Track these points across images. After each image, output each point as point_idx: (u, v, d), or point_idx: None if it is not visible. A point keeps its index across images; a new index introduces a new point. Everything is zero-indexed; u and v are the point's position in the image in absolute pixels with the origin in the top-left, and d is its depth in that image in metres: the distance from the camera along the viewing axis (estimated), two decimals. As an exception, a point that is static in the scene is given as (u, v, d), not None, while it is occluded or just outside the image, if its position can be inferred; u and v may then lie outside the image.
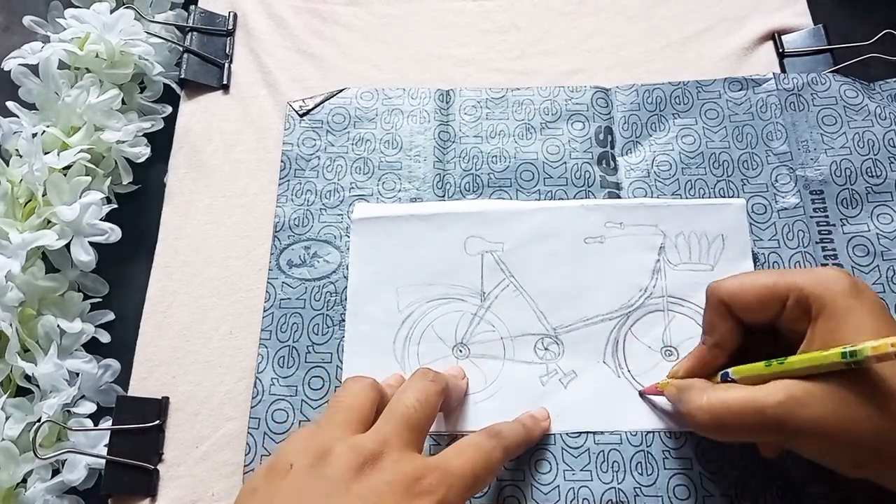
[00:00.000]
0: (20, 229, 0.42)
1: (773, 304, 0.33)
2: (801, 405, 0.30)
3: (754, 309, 0.34)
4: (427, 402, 0.32)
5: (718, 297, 0.35)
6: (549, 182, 0.45)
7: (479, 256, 0.43)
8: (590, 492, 0.38)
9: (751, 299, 0.34)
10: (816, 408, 0.30)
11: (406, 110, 0.48)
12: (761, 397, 0.31)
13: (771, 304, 0.33)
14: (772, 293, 0.33)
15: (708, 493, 0.37)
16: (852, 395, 0.30)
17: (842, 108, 0.46)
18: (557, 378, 0.40)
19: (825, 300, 0.32)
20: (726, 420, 0.32)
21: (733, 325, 0.35)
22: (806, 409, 0.30)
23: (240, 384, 0.42)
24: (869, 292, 0.32)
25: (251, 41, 0.52)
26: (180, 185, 0.47)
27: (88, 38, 0.47)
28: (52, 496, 0.38)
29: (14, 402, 0.40)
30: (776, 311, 0.34)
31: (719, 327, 0.35)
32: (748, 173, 0.45)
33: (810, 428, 0.30)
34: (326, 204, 0.45)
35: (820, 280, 0.32)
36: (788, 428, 0.30)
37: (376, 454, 0.29)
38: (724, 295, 0.35)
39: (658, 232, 0.43)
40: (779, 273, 0.34)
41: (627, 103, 0.48)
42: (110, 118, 0.47)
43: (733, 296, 0.34)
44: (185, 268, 0.45)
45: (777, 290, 0.33)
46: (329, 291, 0.43)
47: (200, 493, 0.39)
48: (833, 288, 0.32)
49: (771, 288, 0.33)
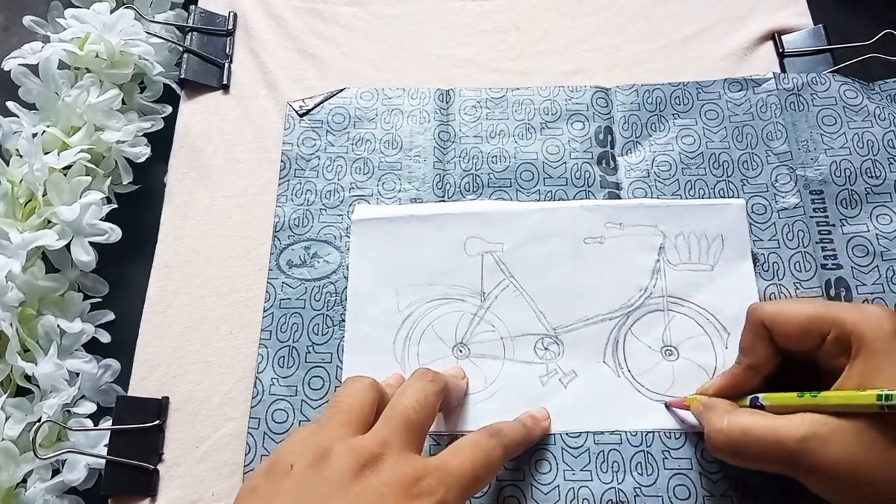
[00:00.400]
0: (20, 229, 0.42)
1: (814, 336, 0.33)
2: (823, 444, 0.30)
3: (794, 337, 0.34)
4: (426, 403, 0.32)
5: (759, 320, 0.34)
6: (548, 182, 0.45)
7: (478, 257, 0.43)
8: (590, 492, 0.38)
9: (792, 327, 0.33)
10: (838, 448, 0.29)
11: (406, 110, 0.48)
12: (784, 429, 0.31)
13: (812, 335, 0.33)
14: (814, 324, 0.33)
15: (708, 493, 0.37)
16: (878, 440, 0.29)
17: (841, 109, 0.46)
18: (557, 378, 0.40)
19: (866, 339, 0.31)
20: (742, 446, 0.32)
21: (771, 349, 0.35)
22: (827, 448, 0.30)
23: (240, 384, 0.42)
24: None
25: (251, 41, 0.52)
26: (180, 185, 0.47)
27: (88, 38, 0.47)
28: (52, 496, 0.38)
29: (14, 402, 0.40)
30: (816, 343, 0.33)
31: (757, 350, 0.35)
32: (748, 173, 0.45)
33: (827, 468, 0.30)
34: (326, 204, 0.45)
35: (864, 318, 0.31)
36: (805, 464, 0.30)
37: (376, 455, 0.29)
38: (766, 318, 0.34)
39: (658, 232, 0.43)
40: (824, 305, 0.34)
41: (627, 103, 0.48)
42: (110, 118, 0.47)
43: (774, 321, 0.34)
44: (185, 268, 0.45)
45: (820, 322, 0.33)
46: (329, 292, 0.43)
47: (200, 493, 0.39)
48: (876, 328, 0.31)
49: (814, 319, 0.33)
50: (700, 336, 0.41)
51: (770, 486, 0.37)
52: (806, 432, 0.30)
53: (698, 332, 0.41)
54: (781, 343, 0.34)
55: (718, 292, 0.42)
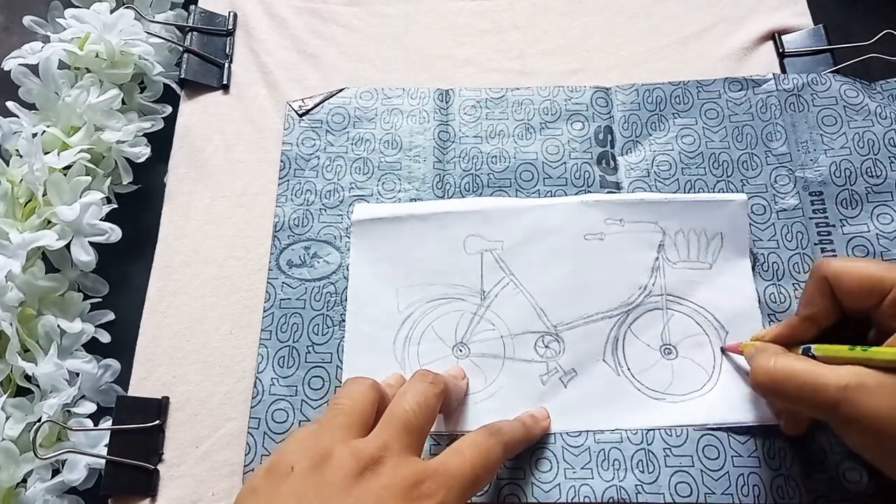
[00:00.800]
0: (20, 229, 0.42)
1: (875, 294, 0.33)
2: (866, 393, 0.30)
3: (855, 294, 0.34)
4: (426, 406, 0.32)
5: (822, 274, 0.35)
6: (548, 182, 0.45)
7: (478, 255, 0.43)
8: (591, 490, 0.38)
9: (854, 284, 0.34)
10: (880, 400, 0.30)
11: (406, 110, 0.48)
12: (829, 375, 0.31)
13: (873, 293, 0.33)
14: (876, 283, 0.33)
15: (709, 490, 0.37)
16: None
17: (842, 108, 0.46)
18: (558, 377, 0.40)
19: None
20: (785, 387, 0.32)
21: (831, 303, 0.35)
22: (869, 398, 0.30)
23: (240, 384, 0.42)
24: None
25: (251, 41, 0.52)
26: (180, 185, 0.47)
27: (88, 38, 0.47)
28: (52, 496, 0.38)
29: (14, 402, 0.40)
30: (875, 302, 0.33)
31: (817, 303, 0.35)
32: (748, 174, 0.45)
33: (866, 418, 0.30)
34: (326, 204, 0.45)
35: None
36: (845, 412, 0.30)
37: (376, 459, 0.29)
38: (829, 273, 0.35)
39: (658, 229, 0.43)
40: (888, 265, 0.34)
41: (627, 103, 0.48)
42: (110, 118, 0.47)
43: (838, 276, 0.34)
44: (185, 268, 0.45)
45: (882, 281, 0.33)
46: (329, 292, 0.43)
47: (200, 493, 0.39)
48: None
49: (877, 278, 0.33)
50: (698, 335, 0.41)
51: (771, 484, 0.37)
52: (850, 380, 0.30)
53: (697, 330, 0.41)
54: (842, 299, 0.35)
55: (716, 291, 0.42)
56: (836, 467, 0.37)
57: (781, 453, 0.38)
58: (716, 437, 0.38)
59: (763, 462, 0.38)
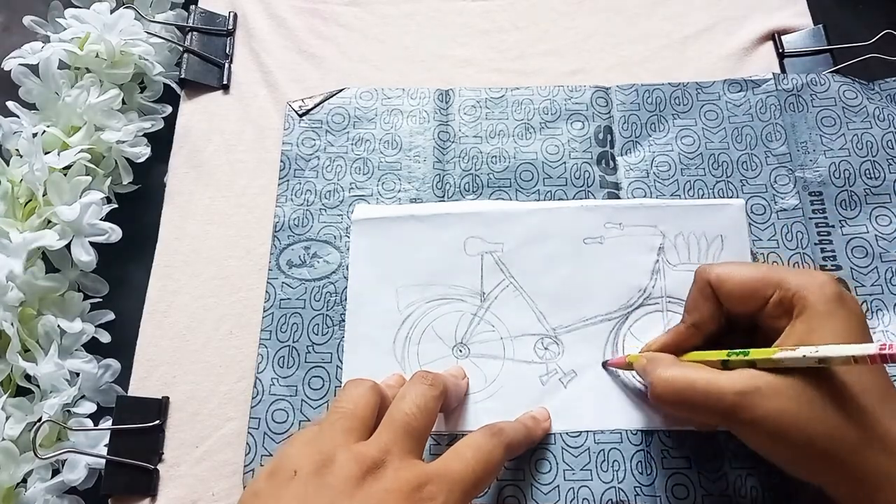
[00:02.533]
0: (20, 229, 0.42)
1: (758, 297, 0.34)
2: (761, 396, 0.31)
3: (739, 297, 0.35)
4: (426, 408, 0.33)
5: (706, 279, 0.36)
6: (548, 182, 0.45)
7: (478, 257, 0.43)
8: (590, 491, 0.38)
9: (737, 287, 0.35)
10: (776, 401, 0.30)
11: (406, 110, 0.48)
12: (724, 382, 0.32)
13: (756, 296, 0.34)
14: (759, 286, 0.34)
15: (707, 492, 0.37)
16: (813, 394, 0.30)
17: (840, 110, 0.46)
18: (557, 377, 0.40)
19: (808, 302, 0.32)
20: (685, 397, 0.33)
21: (715, 308, 0.36)
22: (765, 401, 0.31)
23: (240, 384, 0.42)
24: (854, 304, 0.33)
25: (251, 41, 0.52)
26: (180, 185, 0.47)
27: (88, 38, 0.47)
28: (52, 496, 0.38)
29: (14, 402, 0.40)
30: (759, 304, 0.34)
31: (701, 308, 0.36)
32: (747, 174, 0.45)
33: (764, 421, 0.30)
34: (326, 204, 0.45)
35: (808, 282, 0.33)
36: (743, 417, 0.31)
37: (378, 462, 0.29)
38: (712, 277, 0.35)
39: (657, 232, 0.43)
40: (769, 268, 0.35)
41: (627, 103, 0.48)
42: (110, 118, 0.47)
43: (721, 280, 0.35)
44: (185, 268, 0.45)
45: (764, 284, 0.34)
46: (329, 292, 0.43)
47: (200, 493, 0.39)
48: (818, 292, 0.32)
49: (759, 280, 0.34)
50: None
51: (769, 486, 0.37)
52: (744, 386, 0.31)
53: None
54: (726, 304, 0.35)
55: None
56: None
57: None
58: (714, 439, 0.38)
59: (761, 463, 0.38)
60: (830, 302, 0.32)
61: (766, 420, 0.30)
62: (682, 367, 0.34)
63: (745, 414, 0.31)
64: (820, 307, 0.32)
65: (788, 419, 0.30)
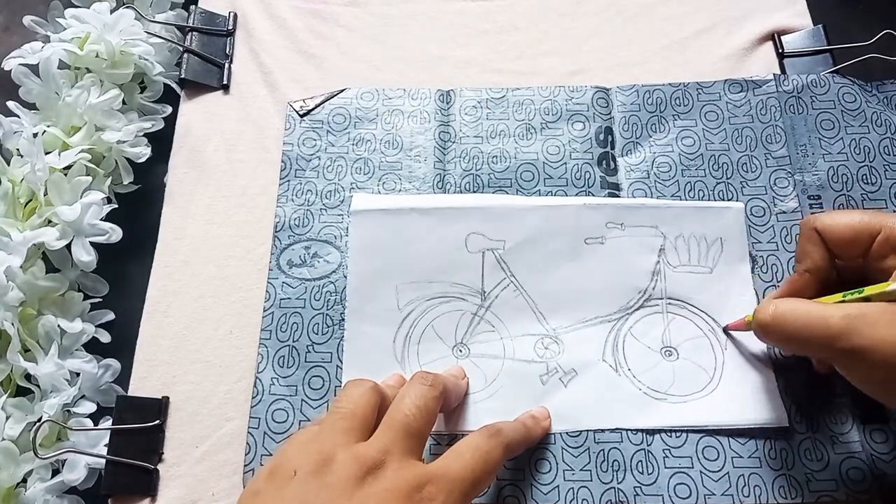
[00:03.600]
0: (21, 229, 0.42)
1: (864, 237, 0.34)
2: (867, 324, 0.30)
3: (845, 240, 0.35)
4: (426, 409, 0.33)
5: (812, 226, 0.36)
6: (549, 182, 0.45)
7: (479, 254, 0.43)
8: (589, 492, 0.38)
9: (843, 230, 0.35)
10: (882, 328, 0.30)
11: (406, 111, 0.48)
12: (830, 308, 0.32)
13: (861, 236, 0.35)
14: (863, 226, 0.34)
15: (709, 491, 0.37)
16: None
17: (839, 113, 0.46)
18: (558, 377, 0.40)
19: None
20: (787, 323, 0.33)
21: (824, 253, 0.36)
22: (871, 328, 0.30)
23: (240, 384, 0.42)
24: None
25: (251, 41, 0.52)
26: (180, 185, 0.47)
27: (89, 38, 0.47)
28: (52, 496, 0.38)
29: (14, 402, 0.40)
30: (866, 245, 0.35)
31: (811, 254, 0.36)
32: (747, 175, 0.45)
33: (870, 347, 0.30)
34: (327, 204, 0.45)
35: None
36: (848, 343, 0.31)
37: (378, 463, 0.30)
38: (818, 224, 0.36)
39: (658, 234, 0.43)
40: (873, 213, 0.35)
41: (628, 104, 0.48)
42: (111, 118, 0.47)
43: (826, 225, 0.36)
44: (185, 268, 0.45)
45: (868, 225, 0.34)
46: (329, 291, 0.43)
47: (200, 492, 0.39)
48: None
49: (863, 222, 0.35)
50: (699, 338, 0.41)
51: (771, 486, 0.37)
52: (852, 311, 0.31)
53: (697, 333, 0.41)
54: (833, 248, 0.36)
55: (717, 295, 0.42)
56: (839, 466, 0.37)
57: (783, 454, 0.38)
58: (716, 438, 0.38)
59: (764, 463, 0.38)
60: None
61: (872, 347, 0.30)
62: (788, 300, 0.34)
63: (851, 340, 0.31)
64: None
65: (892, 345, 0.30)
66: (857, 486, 0.37)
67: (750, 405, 0.39)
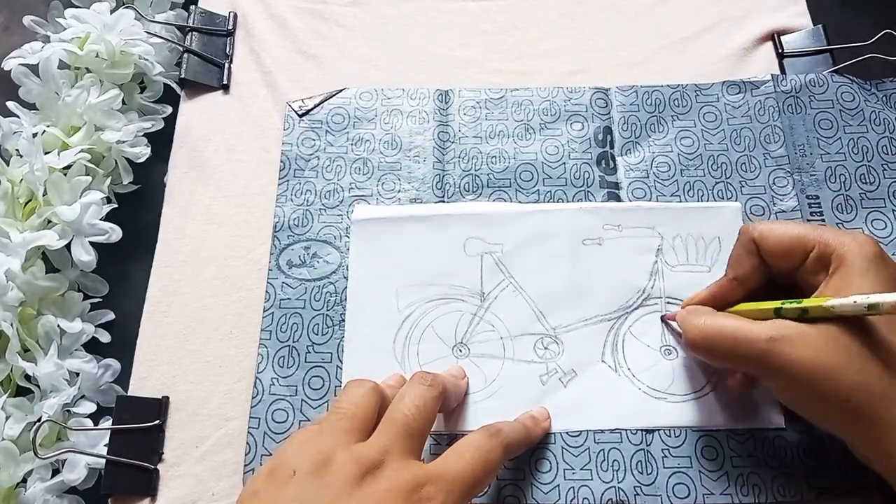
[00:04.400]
0: (20, 229, 0.42)
1: (798, 253, 0.35)
2: (790, 344, 0.31)
3: (780, 252, 0.35)
4: (425, 409, 0.33)
5: (750, 236, 0.36)
6: (548, 182, 0.46)
7: (478, 257, 0.43)
8: (590, 491, 0.38)
9: (778, 242, 0.35)
10: (804, 348, 0.31)
11: (405, 111, 0.48)
12: (754, 329, 0.33)
13: (796, 251, 0.35)
14: (799, 242, 0.35)
15: (708, 491, 0.37)
16: (848, 342, 0.31)
17: (838, 112, 0.46)
18: (557, 377, 0.40)
19: (847, 258, 0.33)
20: (715, 342, 0.34)
21: (757, 263, 0.36)
22: (794, 348, 0.31)
23: (240, 384, 0.42)
24: (893, 264, 0.33)
25: (251, 41, 0.52)
26: (180, 185, 0.47)
27: (88, 38, 0.47)
28: (52, 496, 0.38)
29: (14, 402, 0.40)
30: (799, 260, 0.35)
31: (744, 263, 0.37)
32: (746, 176, 0.45)
33: (792, 367, 0.31)
34: (326, 204, 0.46)
35: (848, 241, 0.34)
36: (771, 363, 0.32)
37: (377, 463, 0.30)
38: (756, 234, 0.36)
39: (655, 234, 0.43)
40: (811, 226, 0.35)
41: (627, 104, 0.48)
42: (110, 118, 0.47)
43: (763, 236, 0.36)
44: (185, 268, 0.45)
45: (804, 240, 0.35)
46: (329, 292, 0.43)
47: (200, 492, 0.39)
48: (857, 250, 0.33)
49: (800, 236, 0.35)
50: None
51: (771, 484, 0.37)
52: (774, 333, 0.32)
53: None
54: (768, 259, 0.36)
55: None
56: (839, 462, 0.37)
57: (782, 452, 0.38)
58: (715, 437, 0.38)
59: (763, 461, 0.38)
60: (868, 260, 0.33)
61: (793, 366, 0.31)
62: (715, 316, 0.35)
63: (773, 360, 0.32)
64: (858, 264, 0.33)
65: (819, 366, 0.31)
66: (857, 481, 0.37)
67: (749, 406, 0.39)
